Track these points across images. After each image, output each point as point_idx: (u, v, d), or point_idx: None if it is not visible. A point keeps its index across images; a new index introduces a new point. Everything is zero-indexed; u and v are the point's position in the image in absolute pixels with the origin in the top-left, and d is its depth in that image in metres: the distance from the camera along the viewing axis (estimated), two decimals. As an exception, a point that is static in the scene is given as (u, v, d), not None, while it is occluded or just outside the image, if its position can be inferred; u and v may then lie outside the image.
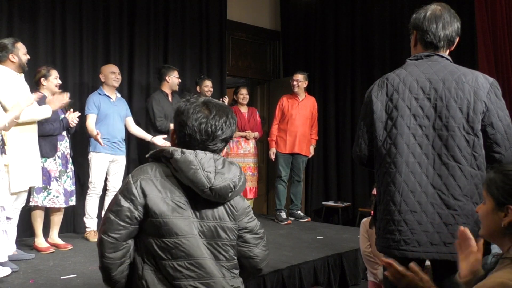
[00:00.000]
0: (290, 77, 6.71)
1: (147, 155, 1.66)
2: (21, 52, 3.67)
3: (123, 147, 4.58)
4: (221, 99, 5.34)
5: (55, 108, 3.75)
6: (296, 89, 5.58)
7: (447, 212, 1.83)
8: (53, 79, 4.03)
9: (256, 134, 5.80)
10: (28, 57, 3.75)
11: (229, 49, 6.44)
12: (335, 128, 6.40)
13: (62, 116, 4.02)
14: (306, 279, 3.69)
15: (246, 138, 5.72)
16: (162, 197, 1.52)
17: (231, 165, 1.59)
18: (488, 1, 4.67)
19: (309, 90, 6.47)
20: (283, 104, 5.64)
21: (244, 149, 5.72)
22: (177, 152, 1.53)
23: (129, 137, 4.99)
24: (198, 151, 1.54)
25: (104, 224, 1.55)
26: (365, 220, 3.27)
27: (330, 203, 6.26)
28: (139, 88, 5.32)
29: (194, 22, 5.83)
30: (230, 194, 1.56)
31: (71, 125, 4.03)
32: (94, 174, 4.41)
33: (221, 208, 1.59)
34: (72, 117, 4.01)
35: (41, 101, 3.78)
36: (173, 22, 5.61)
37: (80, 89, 4.90)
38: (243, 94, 5.77)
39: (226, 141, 1.62)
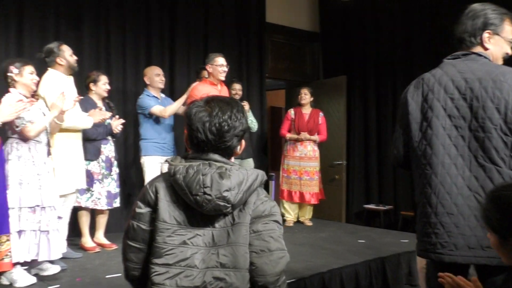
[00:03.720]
0: (330, 79, 6.68)
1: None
2: (67, 54, 3.73)
3: (172, 147, 4.60)
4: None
5: (96, 121, 3.87)
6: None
7: None
8: (102, 84, 4.14)
9: (315, 137, 5.41)
10: (76, 57, 3.80)
11: (267, 51, 6.46)
12: (376, 130, 6.28)
13: (108, 121, 4.11)
14: (347, 283, 3.64)
15: (297, 140, 5.39)
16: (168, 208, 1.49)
17: (224, 176, 1.44)
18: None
19: (348, 92, 6.40)
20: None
21: (300, 152, 5.38)
22: (170, 172, 1.48)
23: (178, 138, 5.02)
24: (192, 165, 1.47)
25: (128, 232, 1.54)
26: None
27: (372, 206, 6.16)
28: (180, 90, 5.40)
29: (233, 25, 5.89)
30: (228, 209, 1.45)
31: (115, 131, 4.15)
32: (149, 178, 4.39)
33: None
34: (116, 124, 4.14)
35: (81, 103, 3.90)
36: (213, 25, 5.69)
37: (124, 93, 5.05)
38: (302, 94, 5.46)
39: (238, 136, 1.53)
